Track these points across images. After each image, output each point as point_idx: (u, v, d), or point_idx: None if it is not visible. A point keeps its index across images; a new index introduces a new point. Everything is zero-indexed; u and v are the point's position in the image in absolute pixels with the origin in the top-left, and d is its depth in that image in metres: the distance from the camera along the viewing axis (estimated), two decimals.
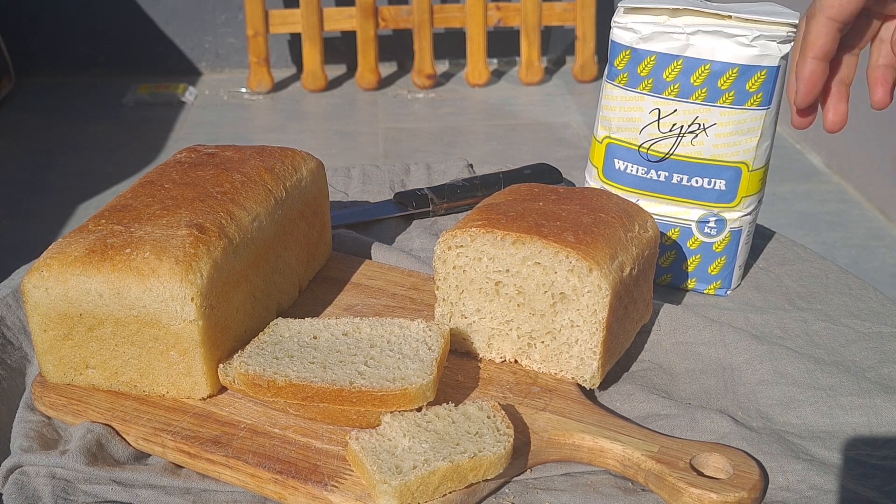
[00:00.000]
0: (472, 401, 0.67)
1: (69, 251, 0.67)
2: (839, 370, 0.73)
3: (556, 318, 0.70)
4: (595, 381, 0.69)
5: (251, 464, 0.62)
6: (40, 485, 0.63)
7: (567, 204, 0.73)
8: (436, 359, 0.66)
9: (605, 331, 0.68)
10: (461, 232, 0.71)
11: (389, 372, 0.65)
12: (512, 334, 0.72)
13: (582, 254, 0.66)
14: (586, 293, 0.67)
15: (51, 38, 3.93)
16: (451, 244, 0.72)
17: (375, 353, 0.68)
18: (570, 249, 0.67)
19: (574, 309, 0.68)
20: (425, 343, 0.68)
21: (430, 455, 0.59)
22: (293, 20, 3.75)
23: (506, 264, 0.70)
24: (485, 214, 0.72)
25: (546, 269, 0.68)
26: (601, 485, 0.63)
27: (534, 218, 0.70)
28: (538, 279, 0.69)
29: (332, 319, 0.72)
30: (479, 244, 0.71)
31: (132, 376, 0.69)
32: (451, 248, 0.72)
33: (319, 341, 0.69)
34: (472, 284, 0.73)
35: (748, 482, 0.60)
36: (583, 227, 0.69)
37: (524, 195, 0.75)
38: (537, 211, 0.71)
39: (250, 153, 0.80)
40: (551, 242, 0.67)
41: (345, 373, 0.65)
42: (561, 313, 0.69)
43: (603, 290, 0.66)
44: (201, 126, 3.52)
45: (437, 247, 0.72)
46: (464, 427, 0.62)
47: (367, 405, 0.63)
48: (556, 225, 0.69)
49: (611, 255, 0.68)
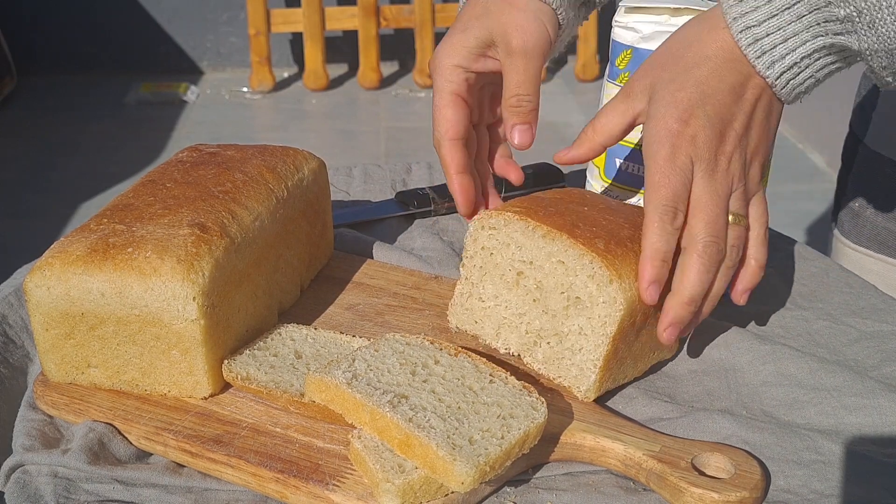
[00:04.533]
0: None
1: (71, 250, 0.67)
2: (842, 370, 0.73)
3: (567, 322, 0.68)
4: (590, 394, 0.68)
5: (253, 463, 0.62)
6: (42, 484, 0.63)
7: (611, 215, 0.71)
8: (508, 447, 0.59)
9: (611, 346, 0.66)
10: (497, 214, 0.70)
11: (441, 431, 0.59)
12: (521, 328, 0.72)
13: (607, 263, 0.65)
14: (601, 303, 0.66)
15: (53, 38, 3.93)
16: (486, 224, 0.71)
17: (451, 401, 0.62)
18: (594, 255, 0.65)
19: (586, 316, 0.67)
20: (510, 415, 0.61)
21: None
22: (295, 19, 3.75)
23: (531, 256, 0.69)
24: (526, 204, 0.71)
25: (568, 270, 0.67)
26: (603, 484, 0.63)
27: (571, 218, 0.69)
28: (558, 278, 0.68)
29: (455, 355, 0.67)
30: (510, 230, 0.70)
31: (134, 375, 0.69)
32: (484, 228, 0.71)
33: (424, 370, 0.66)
34: (496, 269, 0.72)
35: (750, 482, 0.60)
36: (617, 239, 0.67)
37: (574, 198, 0.74)
38: (578, 214, 0.70)
39: (252, 152, 0.80)
40: (579, 244, 0.66)
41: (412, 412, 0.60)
42: (572, 317, 0.68)
43: (618, 303, 0.65)
44: (203, 125, 3.53)
45: (471, 224, 0.72)
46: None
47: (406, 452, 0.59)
48: (592, 230, 0.68)
49: (636, 273, 0.66)
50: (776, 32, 0.64)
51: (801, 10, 0.63)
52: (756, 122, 0.67)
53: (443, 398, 0.62)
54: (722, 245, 0.65)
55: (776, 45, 0.64)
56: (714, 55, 0.66)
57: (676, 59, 0.67)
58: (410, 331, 0.77)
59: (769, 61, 0.65)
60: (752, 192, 0.68)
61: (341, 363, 0.64)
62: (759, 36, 0.64)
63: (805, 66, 0.65)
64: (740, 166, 0.66)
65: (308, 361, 0.70)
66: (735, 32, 0.65)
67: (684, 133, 0.65)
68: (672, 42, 0.69)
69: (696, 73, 0.66)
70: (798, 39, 0.64)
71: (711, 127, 0.65)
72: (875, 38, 0.61)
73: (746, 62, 0.65)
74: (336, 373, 0.63)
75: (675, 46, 0.68)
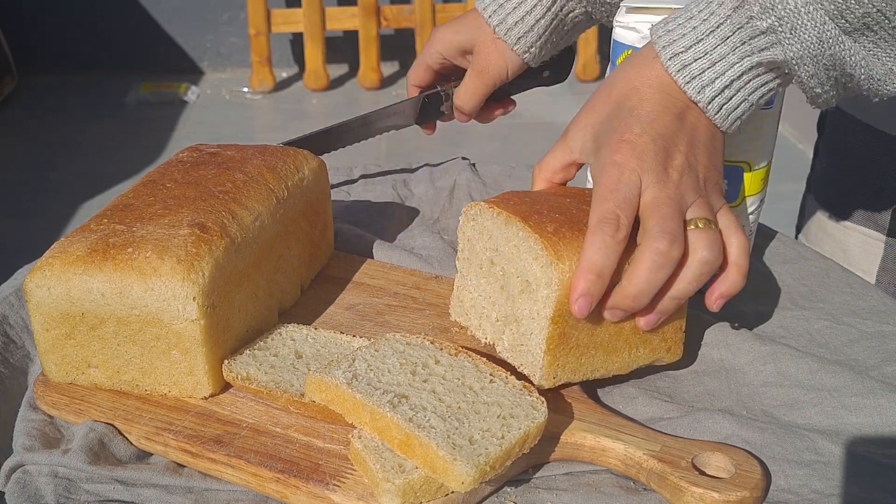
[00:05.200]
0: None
1: (71, 250, 0.67)
2: (842, 370, 0.73)
3: (522, 306, 0.68)
4: (543, 381, 0.67)
5: (253, 463, 0.62)
6: (42, 484, 0.63)
7: (587, 205, 0.69)
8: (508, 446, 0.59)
9: (552, 328, 0.65)
10: (475, 204, 0.72)
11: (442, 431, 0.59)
12: (492, 316, 0.72)
13: (549, 244, 0.64)
14: (543, 284, 0.65)
15: (53, 38, 3.93)
16: (469, 214, 0.73)
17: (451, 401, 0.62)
18: (538, 237, 0.65)
19: (533, 299, 0.67)
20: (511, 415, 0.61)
21: None
22: (295, 19, 3.75)
23: (497, 243, 0.70)
24: (507, 195, 0.72)
25: (520, 253, 0.67)
26: (603, 484, 0.63)
27: (539, 207, 0.69)
28: (515, 262, 0.68)
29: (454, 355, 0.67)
30: (483, 218, 0.71)
31: (134, 375, 0.69)
32: (468, 220, 0.73)
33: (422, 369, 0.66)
34: (476, 259, 0.73)
35: (750, 481, 0.60)
36: (574, 225, 0.66)
37: (563, 191, 0.73)
38: (551, 203, 0.70)
39: (252, 152, 0.80)
40: (527, 227, 0.66)
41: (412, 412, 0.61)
42: (525, 302, 0.67)
43: (553, 284, 0.64)
44: (203, 125, 3.53)
45: (461, 215, 0.73)
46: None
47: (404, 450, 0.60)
48: (552, 217, 0.67)
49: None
50: (703, 57, 0.64)
51: (725, 31, 0.63)
52: (700, 144, 0.66)
53: (443, 398, 0.62)
54: (676, 241, 0.62)
55: (704, 70, 0.64)
56: (649, 86, 0.66)
57: (609, 96, 0.68)
58: (411, 331, 0.77)
59: (698, 86, 0.65)
60: (716, 206, 0.67)
61: (341, 363, 0.64)
62: (687, 62, 0.64)
63: (737, 89, 0.65)
64: (693, 181, 0.65)
65: (308, 361, 0.70)
66: (664, 60, 0.65)
67: (629, 151, 0.64)
68: (607, 82, 0.69)
69: (630, 104, 0.66)
70: (726, 63, 0.64)
71: (656, 143, 0.64)
72: (798, 44, 0.61)
73: (681, 90, 0.65)
74: (336, 373, 0.63)
75: (608, 85, 0.69)
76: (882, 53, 0.62)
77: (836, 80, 0.64)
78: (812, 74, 0.63)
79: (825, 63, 0.62)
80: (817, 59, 0.62)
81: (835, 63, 0.62)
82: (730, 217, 0.67)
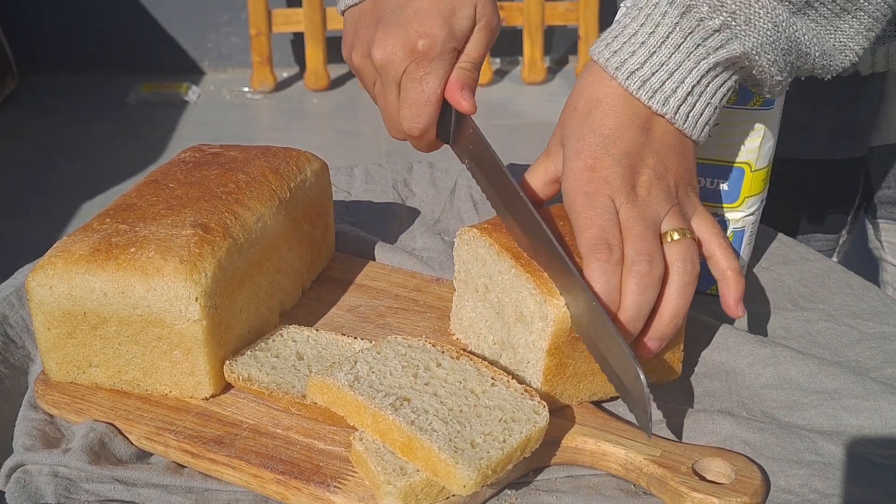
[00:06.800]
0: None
1: (74, 249, 0.67)
2: (843, 371, 0.73)
3: (517, 336, 0.68)
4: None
5: (254, 464, 0.62)
6: (43, 483, 0.63)
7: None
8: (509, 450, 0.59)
9: (548, 360, 0.65)
10: (468, 230, 0.72)
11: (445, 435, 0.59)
12: (489, 339, 0.73)
13: (542, 283, 0.65)
14: (538, 318, 0.65)
15: (54, 38, 3.93)
16: (463, 239, 0.73)
17: (453, 404, 0.62)
18: (529, 275, 0.65)
19: (528, 331, 0.67)
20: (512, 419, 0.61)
21: None
22: (296, 19, 3.75)
23: (490, 271, 0.70)
24: (499, 221, 0.72)
25: (514, 287, 0.68)
26: (604, 487, 0.63)
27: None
28: (508, 293, 0.69)
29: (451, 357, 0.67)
30: (476, 245, 0.72)
31: (135, 375, 0.69)
32: (463, 244, 0.73)
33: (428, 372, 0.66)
34: (472, 282, 0.73)
35: (750, 487, 0.60)
36: (568, 253, 0.66)
37: (555, 211, 0.73)
38: (552, 230, 0.69)
39: (255, 153, 0.80)
40: (519, 265, 0.66)
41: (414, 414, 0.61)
42: (520, 332, 0.68)
43: (549, 319, 0.64)
44: (204, 125, 3.53)
45: (456, 238, 0.74)
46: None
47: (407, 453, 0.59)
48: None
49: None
50: (661, 69, 0.64)
51: (676, 39, 0.63)
52: (669, 149, 0.66)
53: (445, 401, 0.62)
54: (654, 260, 0.63)
55: (664, 82, 0.64)
56: (607, 99, 0.66)
57: (575, 110, 0.68)
58: (412, 333, 0.77)
59: (661, 99, 0.65)
60: (690, 212, 0.67)
61: (343, 365, 0.64)
62: (646, 77, 0.64)
63: (698, 94, 0.65)
64: (663, 191, 0.65)
65: (310, 363, 0.71)
66: (621, 81, 0.65)
67: (595, 178, 0.64)
68: (573, 94, 0.69)
69: (593, 120, 0.66)
70: (683, 70, 0.64)
71: (620, 165, 0.64)
72: (756, 33, 0.62)
73: (642, 104, 0.65)
74: (338, 375, 0.63)
75: (574, 98, 0.69)
76: (824, 30, 0.64)
77: (791, 63, 0.65)
78: (773, 61, 0.64)
79: (783, 47, 0.63)
80: (775, 44, 0.63)
81: (790, 45, 0.63)
82: (706, 221, 0.68)
